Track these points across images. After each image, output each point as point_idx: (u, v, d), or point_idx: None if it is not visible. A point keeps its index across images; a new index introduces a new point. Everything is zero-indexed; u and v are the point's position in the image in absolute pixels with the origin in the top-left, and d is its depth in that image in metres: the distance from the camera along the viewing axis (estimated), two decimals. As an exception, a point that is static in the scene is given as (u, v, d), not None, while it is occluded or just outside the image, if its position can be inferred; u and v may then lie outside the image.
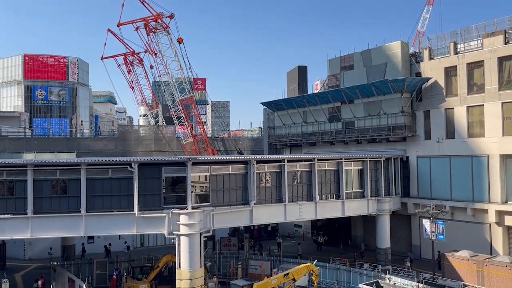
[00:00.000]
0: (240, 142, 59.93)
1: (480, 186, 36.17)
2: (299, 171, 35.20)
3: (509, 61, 34.61)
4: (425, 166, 40.44)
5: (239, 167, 32.10)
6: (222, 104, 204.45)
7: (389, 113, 41.51)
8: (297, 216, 34.87)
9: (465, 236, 36.59)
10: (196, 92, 65.16)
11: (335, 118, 47.12)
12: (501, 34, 34.90)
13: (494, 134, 35.15)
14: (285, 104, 52.12)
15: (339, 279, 33.51)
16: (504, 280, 28.67)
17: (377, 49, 43.99)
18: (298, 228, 53.60)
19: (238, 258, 37.34)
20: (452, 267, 31.68)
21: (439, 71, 39.10)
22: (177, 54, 50.85)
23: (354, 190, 38.19)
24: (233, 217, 31.64)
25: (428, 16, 75.94)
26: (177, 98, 51.55)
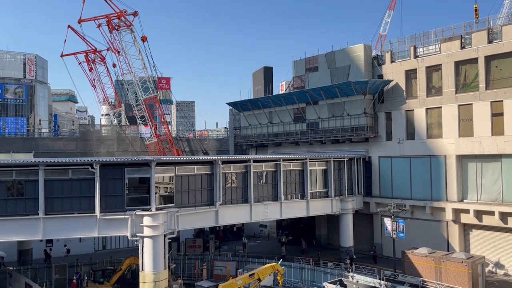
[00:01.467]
0: (205, 142, 59.47)
1: (438, 186, 37.55)
2: (264, 171, 35.32)
3: (465, 65, 36.12)
4: (386, 166, 41.56)
5: (204, 167, 31.81)
6: (187, 104, 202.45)
7: (352, 114, 42.39)
8: (263, 216, 34.95)
9: (424, 234, 37.87)
10: (161, 92, 64.04)
11: (300, 119, 47.64)
12: (457, 39, 36.38)
13: (451, 135, 36.60)
14: (251, 104, 52.21)
15: (304, 278, 33.89)
16: (460, 275, 29.87)
17: (341, 51, 44.84)
18: (263, 228, 53.83)
19: (203, 259, 37.06)
20: (412, 263, 32.69)
21: (400, 73, 40.31)
22: (141, 52, 49.89)
23: (318, 190, 38.74)
24: (198, 218, 31.31)
25: (390, 20, 78.13)
26: (141, 97, 50.57)
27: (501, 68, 34.01)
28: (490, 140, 34.13)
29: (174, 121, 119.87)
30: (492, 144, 34.01)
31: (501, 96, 33.65)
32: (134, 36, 49.60)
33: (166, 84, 71.51)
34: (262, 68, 69.28)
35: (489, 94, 34.34)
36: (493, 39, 34.46)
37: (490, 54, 34.26)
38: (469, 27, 36.84)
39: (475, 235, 36.20)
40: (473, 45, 35.25)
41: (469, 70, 35.90)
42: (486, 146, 34.33)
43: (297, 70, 49.60)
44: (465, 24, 36.86)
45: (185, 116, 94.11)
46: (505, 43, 33.41)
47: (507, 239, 34.27)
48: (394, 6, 77.93)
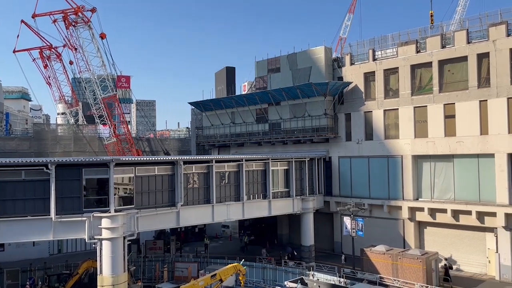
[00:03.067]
0: (166, 142, 58.63)
1: (395, 185, 38.82)
2: (227, 171, 35.24)
3: (420, 69, 37.53)
4: (346, 166, 42.52)
5: (165, 168, 31.34)
6: (148, 103, 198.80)
7: (313, 115, 43.07)
8: (225, 216, 34.86)
9: (382, 232, 39.01)
10: (120, 90, 62.55)
11: (263, 119, 47.89)
12: (413, 43, 37.76)
13: (407, 136, 37.93)
14: (213, 104, 51.94)
15: (266, 277, 34.08)
16: (415, 271, 31.00)
17: (302, 53, 45.44)
18: (225, 228, 53.67)
19: (164, 261, 36.52)
20: (370, 261, 33.61)
21: (359, 76, 41.35)
22: (99, 49, 48.53)
23: (280, 189, 39.08)
24: (159, 220, 30.81)
25: (349, 23, 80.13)
26: (99, 96, 49.16)
27: (453, 72, 35.62)
28: (443, 141, 35.66)
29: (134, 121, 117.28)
30: (445, 144, 35.55)
31: (453, 99, 35.22)
32: (92, 33, 48.19)
33: (126, 83, 69.86)
34: (225, 68, 69.13)
35: (442, 97, 35.86)
36: (446, 44, 36.02)
37: (443, 59, 35.80)
38: (424, 32, 38.36)
39: (429, 232, 37.68)
40: (428, 50, 36.69)
41: (424, 74, 37.35)
42: (440, 147, 35.84)
43: (260, 70, 49.83)
44: (421, 29, 38.37)
45: (146, 116, 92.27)
46: (457, 48, 35.01)
47: (458, 236, 35.90)
48: (353, 9, 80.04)
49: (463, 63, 34.80)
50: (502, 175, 32.61)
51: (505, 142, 32.48)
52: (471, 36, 34.74)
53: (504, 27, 32.66)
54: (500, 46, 32.75)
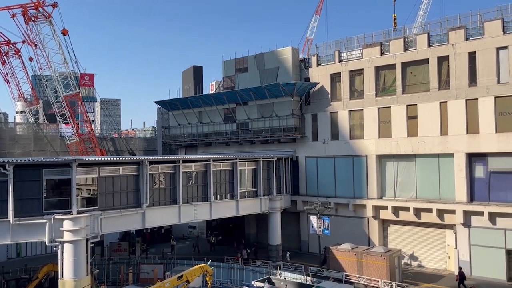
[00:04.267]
0: (132, 142, 57.36)
1: (360, 184, 39.61)
2: (194, 171, 34.90)
3: (384, 71, 38.48)
4: (312, 166, 43.03)
5: (130, 168, 30.68)
6: (113, 102, 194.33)
7: (281, 115, 43.34)
8: (192, 217, 34.49)
9: (347, 230, 39.71)
10: (83, 88, 60.59)
11: (230, 119, 47.76)
12: (377, 45, 38.65)
13: (371, 136, 38.79)
14: (180, 104, 51.34)
15: (233, 277, 34.01)
16: (379, 268, 31.77)
17: (269, 53, 45.63)
18: (192, 229, 53.16)
19: (129, 263, 35.78)
20: (336, 259, 34.18)
21: (325, 77, 41.93)
22: (61, 46, 46.83)
23: (248, 189, 39.09)
24: (124, 221, 30.13)
25: (316, 25, 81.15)
26: (61, 94, 47.50)
27: (416, 74, 36.73)
28: (406, 141, 36.69)
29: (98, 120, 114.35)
30: (407, 144, 36.59)
31: (415, 100, 36.31)
32: (54, 28, 46.43)
33: (90, 81, 67.84)
34: (192, 67, 68.47)
35: (405, 98, 36.89)
36: (408, 47, 37.08)
37: (406, 61, 36.84)
38: (388, 34, 39.31)
39: (393, 230, 38.68)
40: (391, 52, 37.67)
41: (388, 75, 38.32)
42: (402, 147, 36.86)
43: (227, 70, 49.67)
44: (385, 31, 39.32)
45: (110, 115, 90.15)
46: (418, 51, 36.11)
47: (420, 233, 37.03)
48: (320, 11, 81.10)
49: (425, 66, 35.95)
50: (461, 174, 33.90)
51: (463, 142, 33.78)
52: (432, 40, 35.92)
53: (463, 32, 33.96)
54: (459, 49, 34.03)
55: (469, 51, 33.64)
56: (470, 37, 33.94)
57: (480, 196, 33.54)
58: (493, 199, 32.95)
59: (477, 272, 33.01)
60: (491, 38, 32.64)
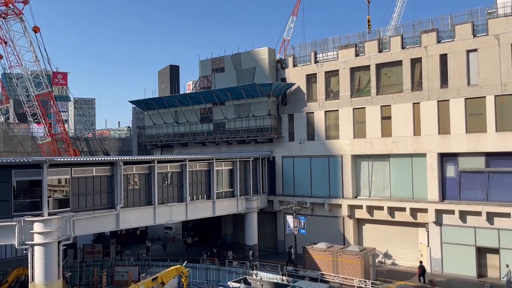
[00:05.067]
0: (106, 142, 56.39)
1: (335, 184, 40.03)
2: (169, 172, 34.54)
3: (359, 72, 39.00)
4: (289, 166, 43.23)
5: (104, 168, 30.11)
6: (87, 101, 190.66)
7: (258, 115, 43.38)
8: (167, 218, 34.12)
9: (323, 229, 40.05)
10: (56, 87, 59.29)
11: (207, 119, 47.51)
12: (352, 47, 39.15)
13: (346, 137, 39.26)
14: (155, 103, 50.75)
15: (209, 278, 33.84)
16: (354, 266, 32.18)
17: (246, 53, 45.61)
18: (168, 230, 52.65)
19: (103, 266, 35.15)
20: (312, 258, 34.42)
21: (301, 77, 42.20)
22: (32, 44, 45.66)
23: (224, 190, 38.96)
24: (98, 223, 29.56)
25: (293, 25, 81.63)
26: (32, 93, 46.31)
27: (389, 75, 37.37)
28: (380, 141, 37.29)
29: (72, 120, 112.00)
30: (381, 144, 37.19)
31: (389, 101, 36.95)
32: (25, 26, 45.22)
33: (63, 80, 66.44)
34: (169, 66, 67.78)
35: (379, 99, 37.49)
36: (383, 48, 37.69)
37: (380, 62, 37.43)
38: (363, 36, 39.89)
39: (368, 229, 39.25)
40: (366, 53, 38.21)
41: (363, 76, 38.86)
42: (377, 147, 37.45)
43: (204, 70, 49.39)
44: (360, 33, 39.86)
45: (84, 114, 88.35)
46: (392, 52, 36.76)
47: (394, 232, 37.71)
48: (297, 12, 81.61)
49: (398, 67, 36.61)
50: (433, 173, 34.68)
51: (435, 142, 34.56)
52: (405, 42, 36.61)
53: (435, 34, 34.75)
54: (431, 52, 34.81)
55: (440, 54, 34.46)
56: (441, 40, 34.76)
57: (451, 195, 34.39)
58: (463, 198, 33.84)
59: (448, 269, 33.84)
60: (461, 41, 33.52)
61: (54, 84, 58.91)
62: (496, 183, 32.54)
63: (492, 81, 32.16)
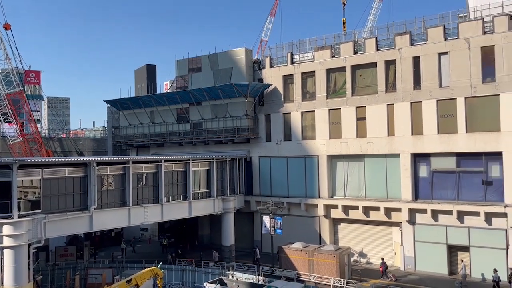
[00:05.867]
0: (80, 142, 55.29)
1: (312, 184, 40.35)
2: (145, 172, 34.15)
3: (335, 73, 39.43)
4: (266, 166, 43.35)
5: (77, 169, 29.55)
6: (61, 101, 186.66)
7: (235, 116, 43.33)
8: (143, 219, 33.73)
9: (300, 229, 40.31)
10: (28, 86, 57.77)
11: (184, 119, 47.17)
12: (328, 48, 39.55)
13: (322, 137, 39.63)
14: (131, 103, 50.08)
15: (185, 280, 33.61)
16: (330, 266, 32.49)
17: (223, 53, 45.50)
18: (144, 231, 52.05)
19: (76, 268, 34.47)
20: (288, 258, 34.59)
21: (278, 78, 42.38)
22: (2, 41, 44.40)
23: (201, 190, 38.76)
24: (70, 224, 28.97)
25: (271, 26, 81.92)
26: (3, 91, 44.98)
27: (364, 77, 37.91)
28: (355, 141, 37.79)
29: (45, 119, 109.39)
30: (356, 145, 37.70)
31: (364, 102, 37.48)
32: (-6, 22, 43.98)
33: (36, 78, 64.71)
34: (145, 66, 66.97)
35: (354, 100, 37.99)
36: (358, 50, 38.21)
37: (356, 64, 37.94)
38: (338, 38, 40.35)
39: (343, 228, 39.71)
40: (342, 55, 38.66)
41: (338, 78, 39.31)
42: (352, 147, 37.93)
43: (180, 70, 49.02)
44: (335, 35, 40.30)
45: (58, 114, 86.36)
46: (367, 54, 37.31)
47: (369, 231, 38.26)
48: (275, 13, 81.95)
49: (373, 69, 37.17)
50: (406, 173, 35.35)
51: (409, 143, 35.24)
52: (380, 44, 37.21)
53: (408, 37, 35.44)
54: (405, 54, 35.48)
55: (413, 56, 35.14)
56: (414, 43, 35.47)
57: (424, 195, 35.14)
58: (435, 197, 34.62)
59: (421, 267, 34.55)
60: (433, 43, 34.28)
61: (27, 83, 57.41)
62: (466, 183, 33.42)
63: (463, 83, 33.01)
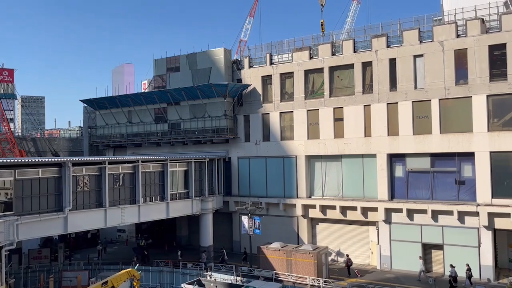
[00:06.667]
0: (56, 142, 54.19)
1: (290, 184, 40.56)
2: (121, 173, 33.69)
3: (313, 74, 39.75)
4: (245, 166, 43.36)
5: (51, 170, 28.94)
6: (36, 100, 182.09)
7: (213, 116, 43.19)
8: (119, 220, 33.28)
9: (278, 229, 40.46)
10: (1, 85, 56.29)
11: (162, 119, 46.74)
12: (307, 50, 39.85)
13: (301, 138, 39.88)
14: (108, 102, 49.31)
15: (163, 281, 33.31)
16: (307, 265, 32.71)
17: (202, 53, 45.30)
18: (121, 233, 51.36)
19: (50, 271, 33.73)
20: (266, 258, 34.66)
21: (257, 79, 42.45)
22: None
23: (179, 191, 38.49)
24: (44, 226, 28.34)
25: (250, 27, 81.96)
26: (-26, 90, 43.72)
27: (342, 78, 38.35)
28: (333, 142, 38.17)
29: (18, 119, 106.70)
30: (334, 145, 38.09)
31: (341, 103, 37.91)
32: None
33: (9, 76, 63.07)
34: (123, 65, 66.26)
35: (332, 101, 38.38)
36: (335, 52, 38.62)
37: (333, 65, 38.33)
38: (316, 39, 40.71)
39: (321, 228, 40.04)
40: (320, 56, 39.00)
41: (316, 79, 39.64)
42: (330, 148, 38.31)
43: (158, 69, 48.56)
44: (314, 36, 40.66)
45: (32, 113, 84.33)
46: (345, 56, 37.74)
47: (346, 230, 38.69)
48: (254, 13, 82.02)
49: (350, 70, 37.63)
50: (383, 173, 35.91)
51: (385, 143, 35.82)
52: (357, 46, 37.70)
53: (384, 39, 36.02)
54: (381, 56, 36.05)
55: (390, 58, 35.73)
56: (391, 45, 36.08)
57: (400, 194, 35.77)
58: (410, 197, 35.29)
59: (397, 265, 35.14)
60: (409, 46, 34.95)
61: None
62: (440, 183, 34.19)
63: (437, 85, 33.76)
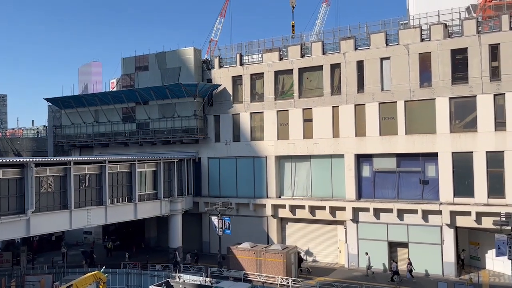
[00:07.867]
0: (18, 142, 52.38)
1: (260, 184, 40.69)
2: (87, 174, 32.92)
3: (283, 75, 40.03)
4: (215, 167, 43.18)
5: (13, 171, 27.94)
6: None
7: (183, 116, 42.80)
8: (85, 222, 32.55)
9: (248, 229, 40.49)
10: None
11: (130, 119, 45.94)
12: (276, 51, 40.10)
13: (271, 138, 40.09)
14: (74, 101, 48.04)
15: (130, 283, 32.76)
16: (277, 265, 32.91)
17: (171, 52, 44.82)
18: (88, 235, 50.11)
19: (12, 275, 32.57)
20: (236, 258, 34.66)
21: (227, 79, 42.38)
22: None
23: (147, 192, 37.96)
24: (5, 229, 27.35)
25: (221, 26, 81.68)
26: None
27: (311, 79, 38.81)
28: (302, 142, 38.57)
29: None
30: (303, 146, 38.50)
31: (310, 104, 38.34)
32: None
33: (-32, 73, 60.52)
34: (91, 63, 64.74)
35: (301, 102, 38.77)
36: (305, 53, 39.04)
37: (303, 67, 38.74)
38: (286, 40, 41.03)
39: (290, 227, 40.37)
40: (290, 58, 39.33)
41: (286, 80, 39.95)
42: (299, 148, 38.69)
43: (127, 68, 47.69)
44: (283, 37, 40.98)
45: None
46: (314, 57, 38.21)
47: (315, 229, 39.19)
48: (224, 13, 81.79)
49: (319, 72, 38.13)
50: (350, 173, 36.57)
51: (352, 144, 36.49)
52: (326, 48, 38.23)
53: (352, 42, 36.69)
54: (349, 58, 36.71)
55: (357, 60, 36.43)
56: (358, 47, 36.79)
57: (367, 194, 36.53)
58: (377, 196, 36.10)
59: (364, 264, 35.78)
60: (376, 49, 35.73)
61: (-43, 78, 53.55)
62: (405, 182, 35.14)
63: (403, 88, 34.67)
